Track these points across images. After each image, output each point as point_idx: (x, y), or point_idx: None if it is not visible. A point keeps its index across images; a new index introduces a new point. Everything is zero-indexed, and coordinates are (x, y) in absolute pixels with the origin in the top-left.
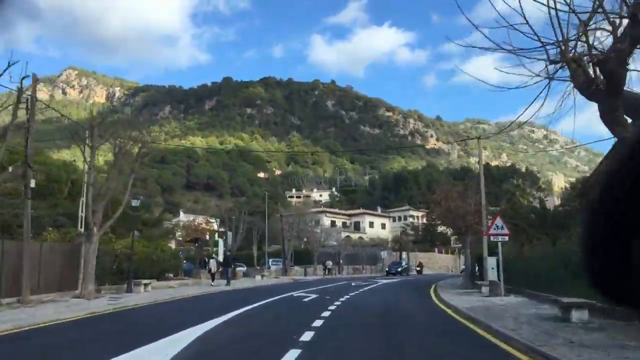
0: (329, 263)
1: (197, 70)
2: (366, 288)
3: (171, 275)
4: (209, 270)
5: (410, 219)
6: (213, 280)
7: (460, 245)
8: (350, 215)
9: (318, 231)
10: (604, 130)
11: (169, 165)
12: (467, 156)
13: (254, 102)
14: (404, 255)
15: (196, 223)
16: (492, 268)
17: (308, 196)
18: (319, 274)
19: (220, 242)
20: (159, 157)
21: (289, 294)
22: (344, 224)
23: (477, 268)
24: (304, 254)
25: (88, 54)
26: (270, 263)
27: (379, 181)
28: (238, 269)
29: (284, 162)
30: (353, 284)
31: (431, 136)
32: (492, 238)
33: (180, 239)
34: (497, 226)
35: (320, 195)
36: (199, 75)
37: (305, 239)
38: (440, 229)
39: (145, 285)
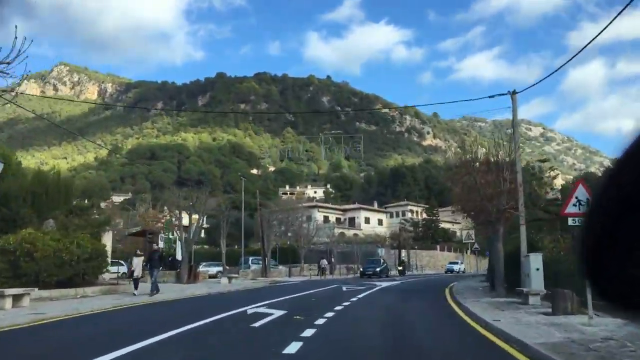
0: (324, 262)
1: (191, 67)
2: (360, 296)
3: (104, 278)
4: (131, 274)
5: (409, 215)
6: (136, 287)
7: (472, 240)
8: (344, 211)
9: (310, 227)
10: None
11: (159, 162)
12: (464, 154)
13: (247, 98)
14: (404, 253)
15: (151, 214)
16: (537, 269)
17: (302, 192)
18: (307, 275)
19: (179, 240)
20: (149, 153)
21: (242, 309)
22: (338, 219)
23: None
24: (290, 252)
25: (82, 52)
26: (250, 262)
27: (375, 177)
28: (205, 269)
29: (278, 159)
30: (344, 288)
31: (428, 133)
32: (570, 221)
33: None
34: (579, 200)
35: (315, 192)
36: (194, 72)
37: (291, 235)
38: (446, 225)
39: (17, 297)
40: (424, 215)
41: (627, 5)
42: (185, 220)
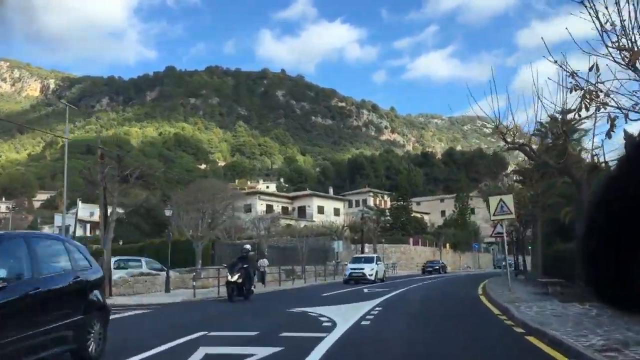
0: (263, 262)
1: (143, 66)
2: None
3: None
4: None
5: (372, 203)
6: None
7: (495, 239)
8: (292, 199)
9: (246, 219)
10: None
11: (96, 156)
12: (423, 148)
13: (198, 92)
14: (367, 249)
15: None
16: None
17: (253, 187)
18: (211, 288)
19: None
20: (85, 148)
21: None
22: (284, 209)
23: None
24: (185, 249)
25: (29, 50)
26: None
27: (332, 169)
28: None
29: (229, 154)
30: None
31: (385, 127)
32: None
33: None
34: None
35: (267, 187)
36: (146, 71)
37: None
38: (419, 215)
39: None
40: (389, 206)
41: None
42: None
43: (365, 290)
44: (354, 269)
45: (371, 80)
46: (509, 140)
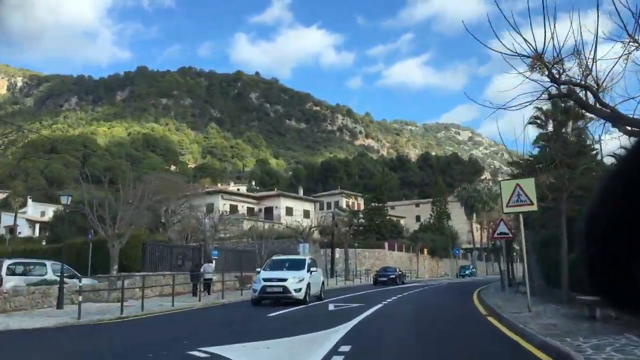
0: (209, 268)
1: (117, 67)
2: None
3: None
4: None
5: (345, 205)
6: None
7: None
8: (259, 199)
9: (204, 218)
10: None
11: (59, 156)
12: (398, 153)
13: (170, 93)
14: (338, 253)
15: None
16: None
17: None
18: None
19: None
20: (49, 146)
21: None
22: (250, 210)
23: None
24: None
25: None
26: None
27: (304, 172)
28: None
29: (200, 155)
30: None
31: (360, 132)
32: None
33: None
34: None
35: (238, 189)
36: (119, 71)
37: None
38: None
39: None
40: (363, 208)
41: None
42: None
43: (331, 308)
44: (270, 280)
45: (346, 86)
46: (559, 77)
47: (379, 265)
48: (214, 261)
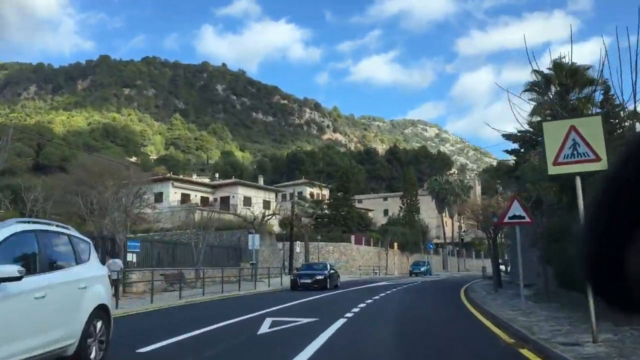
0: (116, 263)
1: (79, 56)
2: None
3: None
4: None
5: (310, 192)
6: None
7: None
8: (214, 187)
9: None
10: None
11: (12, 145)
12: (365, 147)
13: (133, 83)
14: (298, 247)
15: None
16: None
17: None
18: None
19: None
20: None
21: None
22: (204, 200)
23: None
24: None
25: None
26: None
27: (269, 164)
28: None
29: (163, 147)
30: None
31: (328, 126)
32: None
33: None
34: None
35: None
36: (81, 60)
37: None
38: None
39: None
40: (327, 198)
41: None
42: None
43: (262, 328)
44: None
45: (314, 81)
46: None
47: (344, 260)
48: (126, 255)
